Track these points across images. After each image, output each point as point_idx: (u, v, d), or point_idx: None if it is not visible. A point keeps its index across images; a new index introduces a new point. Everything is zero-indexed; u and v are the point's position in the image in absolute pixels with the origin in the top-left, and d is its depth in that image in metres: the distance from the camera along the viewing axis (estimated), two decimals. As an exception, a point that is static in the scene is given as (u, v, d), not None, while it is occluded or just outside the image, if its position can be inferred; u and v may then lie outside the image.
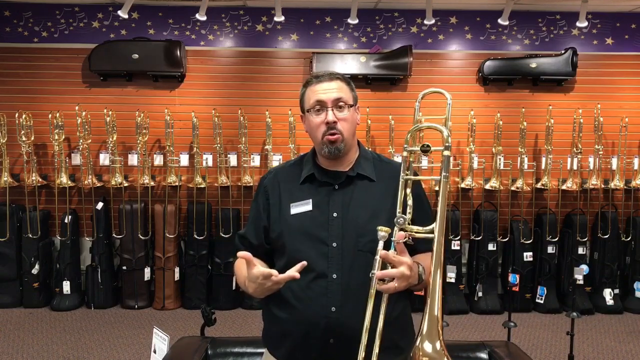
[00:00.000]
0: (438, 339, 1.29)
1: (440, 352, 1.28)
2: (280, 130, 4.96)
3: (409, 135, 1.50)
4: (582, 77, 5.11)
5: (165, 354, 2.27)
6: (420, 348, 1.27)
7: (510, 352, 2.12)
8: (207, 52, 5.10)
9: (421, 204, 1.59)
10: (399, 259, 1.38)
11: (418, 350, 1.28)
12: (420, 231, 1.44)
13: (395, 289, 1.38)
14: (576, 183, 4.97)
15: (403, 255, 1.39)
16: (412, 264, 1.40)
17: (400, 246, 1.40)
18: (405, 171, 1.49)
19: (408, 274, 1.38)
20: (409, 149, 1.49)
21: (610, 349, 4.08)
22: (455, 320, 4.63)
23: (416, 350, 1.28)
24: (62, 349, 3.94)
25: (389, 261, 1.38)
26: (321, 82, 1.59)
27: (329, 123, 1.55)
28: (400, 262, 1.37)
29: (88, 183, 4.86)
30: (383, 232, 1.39)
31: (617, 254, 4.97)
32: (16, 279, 4.85)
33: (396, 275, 1.37)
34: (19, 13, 5.00)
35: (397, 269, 1.37)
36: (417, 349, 1.28)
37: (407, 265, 1.38)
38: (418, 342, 1.29)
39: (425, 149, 1.47)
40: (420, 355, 1.27)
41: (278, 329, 1.62)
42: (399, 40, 5.09)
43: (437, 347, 1.28)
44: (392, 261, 1.38)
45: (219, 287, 4.90)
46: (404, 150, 1.49)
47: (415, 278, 1.42)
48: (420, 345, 1.28)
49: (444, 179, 1.43)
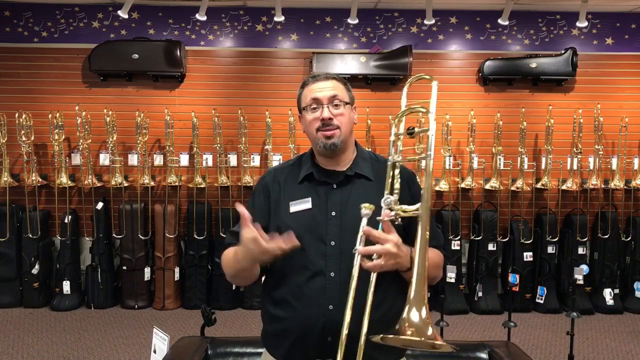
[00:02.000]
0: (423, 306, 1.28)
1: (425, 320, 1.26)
2: (280, 130, 4.96)
3: (396, 120, 1.57)
4: (582, 77, 5.11)
5: (165, 354, 2.27)
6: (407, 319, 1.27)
7: (510, 352, 2.12)
8: (207, 52, 5.10)
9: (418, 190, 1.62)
10: (385, 236, 1.38)
11: (404, 321, 1.27)
12: (407, 210, 1.43)
13: (381, 267, 1.37)
14: (576, 183, 4.97)
15: (390, 234, 1.39)
16: (399, 242, 1.39)
17: (386, 225, 1.39)
18: (393, 155, 1.53)
19: (394, 251, 1.37)
20: (396, 132, 1.54)
21: (610, 349, 4.08)
22: (455, 320, 4.63)
23: (402, 322, 1.27)
24: (62, 349, 3.94)
25: (373, 237, 1.38)
26: (317, 82, 1.63)
27: (324, 119, 1.58)
28: (385, 240, 1.37)
29: (88, 183, 4.87)
30: (367, 210, 1.40)
31: (617, 254, 4.97)
32: (16, 279, 4.85)
33: (381, 252, 1.37)
34: (19, 13, 5.00)
35: (382, 245, 1.37)
36: (402, 320, 1.27)
37: (392, 242, 1.37)
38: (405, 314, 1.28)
39: (410, 131, 1.56)
40: (406, 327, 1.26)
41: (276, 328, 1.62)
42: (399, 40, 5.09)
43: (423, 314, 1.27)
44: (375, 237, 1.38)
45: (219, 287, 4.90)
46: (391, 135, 1.55)
47: (406, 260, 1.41)
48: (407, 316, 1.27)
49: (429, 158, 1.45)
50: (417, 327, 1.26)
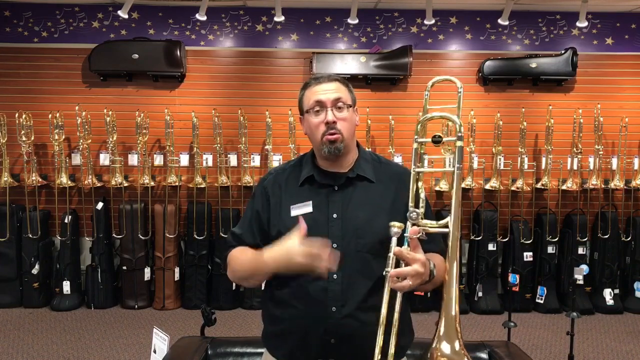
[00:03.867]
0: (457, 339, 1.22)
1: (460, 353, 1.21)
2: (280, 130, 4.96)
3: (419, 126, 1.45)
4: (582, 77, 5.11)
5: (165, 354, 2.27)
6: (438, 349, 1.21)
7: (510, 352, 2.11)
8: (207, 52, 5.10)
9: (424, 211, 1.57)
10: (413, 256, 1.34)
11: (436, 350, 1.21)
12: (434, 226, 1.38)
13: (409, 287, 1.34)
14: (576, 183, 4.97)
15: (417, 251, 1.36)
16: (425, 260, 1.36)
17: (414, 242, 1.36)
18: (416, 164, 1.44)
19: (422, 271, 1.34)
20: (420, 140, 1.43)
21: (610, 349, 4.07)
22: (455, 320, 4.63)
23: (434, 351, 1.22)
24: (62, 349, 3.94)
25: (403, 258, 1.34)
26: (320, 84, 1.60)
27: (328, 123, 1.55)
28: (414, 260, 1.34)
29: (88, 183, 4.86)
30: (396, 229, 1.34)
31: (617, 254, 4.97)
32: (16, 279, 4.85)
33: (410, 274, 1.33)
34: (19, 13, 5.00)
35: (411, 266, 1.34)
36: (435, 349, 1.22)
37: (420, 262, 1.34)
38: (435, 343, 1.22)
39: (437, 139, 1.41)
40: (438, 356, 1.21)
41: (278, 329, 1.62)
42: (399, 40, 5.09)
43: (456, 347, 1.21)
44: (406, 258, 1.34)
45: (219, 287, 4.90)
46: (414, 142, 1.43)
47: (427, 275, 1.38)
48: (438, 346, 1.21)
49: (457, 170, 1.37)
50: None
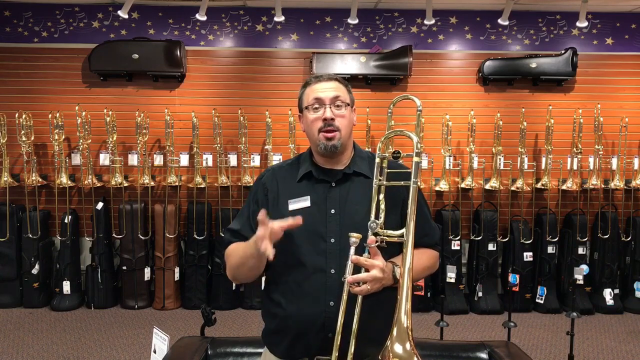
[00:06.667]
0: (408, 340, 1.34)
1: (410, 352, 1.33)
2: (280, 130, 4.96)
3: (381, 143, 1.59)
4: (582, 77, 5.11)
5: (165, 354, 2.27)
6: (391, 349, 1.33)
7: (510, 352, 2.11)
8: (207, 52, 5.10)
9: (421, 208, 1.63)
10: (371, 262, 1.45)
11: (389, 351, 1.33)
12: (392, 235, 1.49)
13: (367, 291, 1.44)
14: (576, 183, 4.97)
15: (376, 258, 1.46)
16: (384, 266, 1.46)
17: (373, 250, 1.46)
18: (378, 177, 1.55)
19: (380, 276, 1.44)
20: (381, 155, 1.56)
21: (610, 349, 4.08)
22: (455, 320, 4.63)
23: (386, 352, 1.34)
24: (62, 349, 3.94)
25: (361, 265, 1.45)
26: (320, 82, 1.64)
27: (326, 119, 1.59)
28: (372, 265, 1.44)
29: (88, 183, 4.87)
30: (354, 238, 1.46)
31: (617, 254, 4.97)
32: (16, 279, 4.85)
33: (367, 279, 1.43)
34: (19, 13, 5.00)
35: (369, 272, 1.44)
36: (387, 350, 1.34)
37: (379, 268, 1.44)
38: (388, 344, 1.35)
39: (396, 155, 1.58)
40: (391, 357, 1.33)
41: (277, 325, 1.63)
42: (399, 40, 5.09)
43: (407, 347, 1.33)
44: (363, 264, 1.45)
45: (219, 287, 4.90)
46: (377, 157, 1.56)
47: (389, 279, 1.48)
48: (391, 347, 1.34)
49: (413, 184, 1.49)
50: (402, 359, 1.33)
